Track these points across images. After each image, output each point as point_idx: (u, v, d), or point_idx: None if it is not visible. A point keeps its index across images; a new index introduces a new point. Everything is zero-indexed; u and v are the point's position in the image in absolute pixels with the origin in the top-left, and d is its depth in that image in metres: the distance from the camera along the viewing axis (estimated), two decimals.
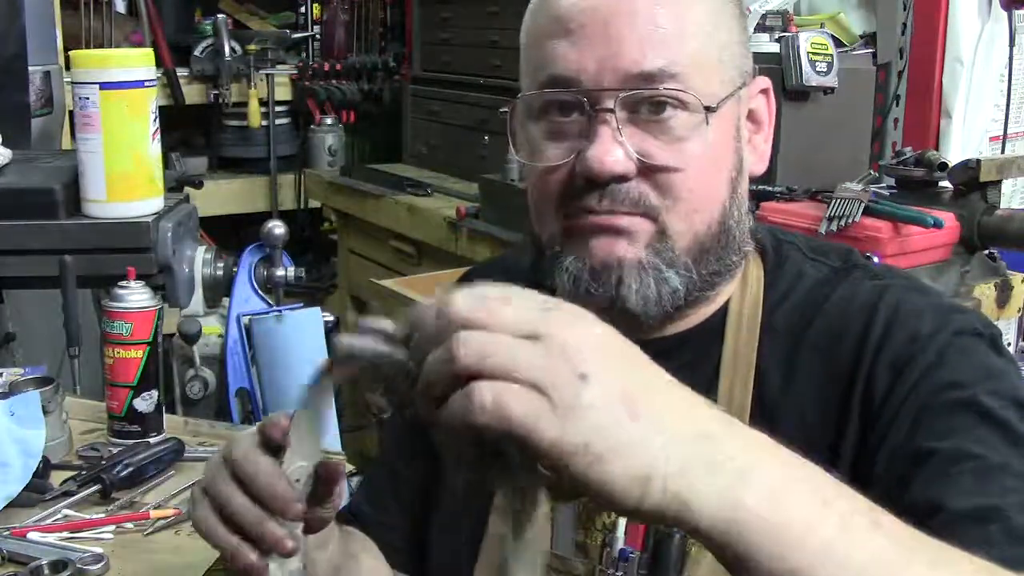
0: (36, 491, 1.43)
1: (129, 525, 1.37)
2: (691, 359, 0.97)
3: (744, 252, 0.98)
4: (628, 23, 0.89)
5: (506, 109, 0.97)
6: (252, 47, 3.88)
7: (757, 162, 0.99)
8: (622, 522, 0.95)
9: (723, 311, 0.98)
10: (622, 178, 0.90)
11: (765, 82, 1.00)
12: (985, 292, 2.05)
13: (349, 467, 1.62)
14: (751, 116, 0.99)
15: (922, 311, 0.91)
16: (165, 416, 1.65)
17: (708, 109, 0.90)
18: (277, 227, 2.34)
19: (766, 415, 0.92)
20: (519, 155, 0.98)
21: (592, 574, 0.97)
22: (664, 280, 0.91)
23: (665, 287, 0.91)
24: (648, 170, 0.90)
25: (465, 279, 1.22)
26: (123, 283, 1.61)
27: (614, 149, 0.89)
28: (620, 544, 0.94)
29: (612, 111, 0.89)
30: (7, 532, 1.33)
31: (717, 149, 0.93)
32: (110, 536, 1.36)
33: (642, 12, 0.89)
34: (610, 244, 0.91)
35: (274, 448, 0.79)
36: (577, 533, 0.97)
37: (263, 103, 3.94)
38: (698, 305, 0.96)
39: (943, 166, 2.07)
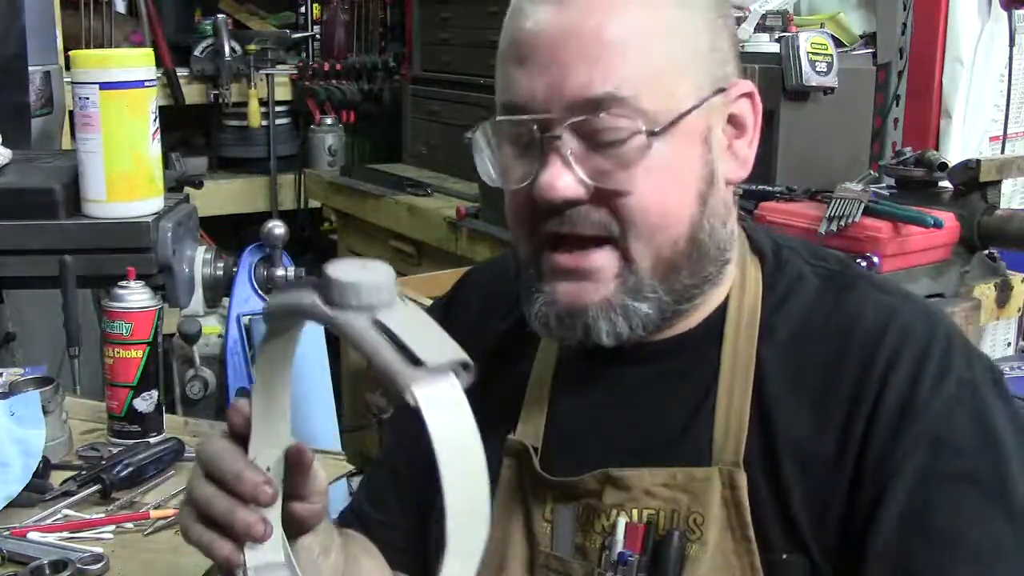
0: (36, 491, 1.43)
1: (129, 525, 1.37)
2: (690, 361, 0.97)
3: (726, 259, 0.97)
4: (577, 47, 0.88)
5: (469, 135, 0.98)
6: (252, 47, 3.88)
7: (738, 168, 0.97)
8: (621, 525, 0.94)
9: (722, 312, 0.98)
10: (576, 202, 0.90)
11: (748, 86, 0.97)
12: (985, 292, 2.05)
13: (349, 467, 1.62)
14: (732, 121, 0.96)
15: (928, 348, 0.90)
16: (165, 416, 1.65)
17: (652, 133, 0.88)
18: (277, 227, 2.34)
19: (764, 419, 0.92)
20: (484, 177, 0.98)
21: None
22: (633, 312, 0.92)
23: (635, 317, 0.92)
24: (601, 195, 0.90)
25: (465, 279, 1.22)
26: (123, 283, 1.61)
27: (563, 174, 0.89)
28: (619, 547, 0.94)
29: (559, 138, 0.89)
30: (7, 532, 1.33)
31: (676, 167, 0.91)
32: (110, 536, 1.36)
33: (591, 36, 0.88)
34: (576, 289, 0.92)
35: (241, 438, 0.80)
36: (576, 536, 0.97)
37: (263, 103, 3.94)
38: (681, 316, 0.96)
39: (943, 166, 2.07)
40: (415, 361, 0.66)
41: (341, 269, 0.70)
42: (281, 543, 0.84)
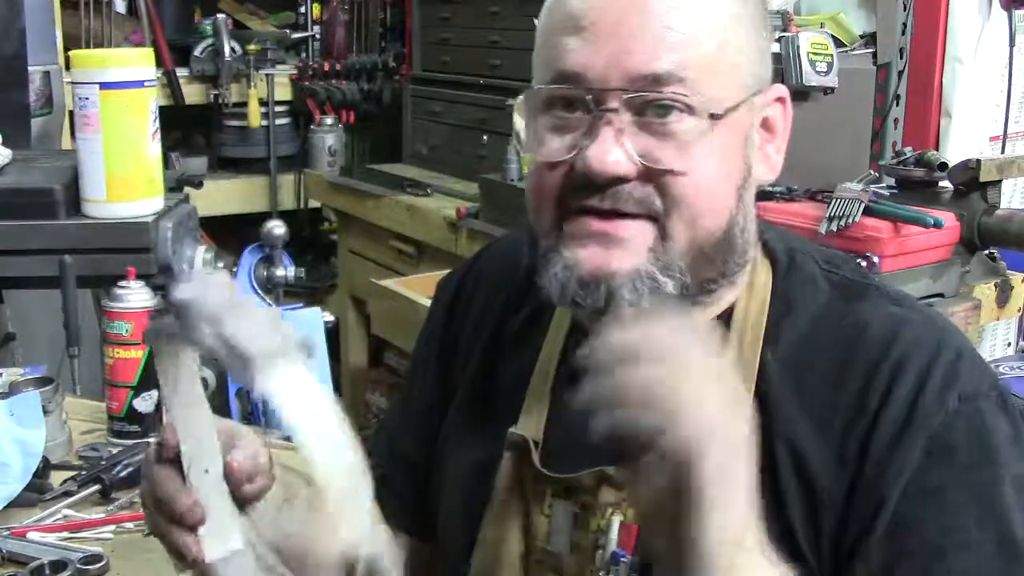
0: (36, 491, 1.43)
1: (129, 525, 1.37)
2: None
3: (746, 260, 0.97)
4: (640, 23, 0.87)
5: (512, 101, 0.97)
6: (252, 47, 3.88)
7: (767, 171, 0.97)
8: (615, 525, 0.94)
9: (727, 315, 0.97)
10: (622, 180, 0.88)
11: (782, 90, 0.98)
12: (985, 292, 2.05)
13: None
14: (765, 124, 0.97)
15: (934, 361, 0.89)
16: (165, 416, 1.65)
17: (713, 116, 0.88)
18: (277, 227, 2.35)
19: (764, 425, 0.91)
20: (522, 148, 0.98)
21: (583, 574, 0.96)
22: (658, 288, 0.90)
23: (659, 293, 0.90)
24: (651, 173, 0.88)
25: (474, 263, 1.21)
26: (123, 283, 1.61)
27: (614, 149, 0.88)
28: (613, 547, 0.94)
29: (615, 111, 0.88)
30: (7, 532, 1.33)
31: (724, 156, 0.91)
32: (110, 536, 1.36)
33: (656, 12, 0.87)
34: (603, 255, 0.90)
35: (177, 456, 0.86)
36: (573, 532, 0.97)
37: (263, 103, 3.94)
38: (694, 309, 0.95)
39: (943, 166, 2.07)
40: (251, 358, 0.77)
41: (184, 288, 0.79)
42: (239, 529, 0.88)
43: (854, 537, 0.87)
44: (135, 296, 1.60)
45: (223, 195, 3.86)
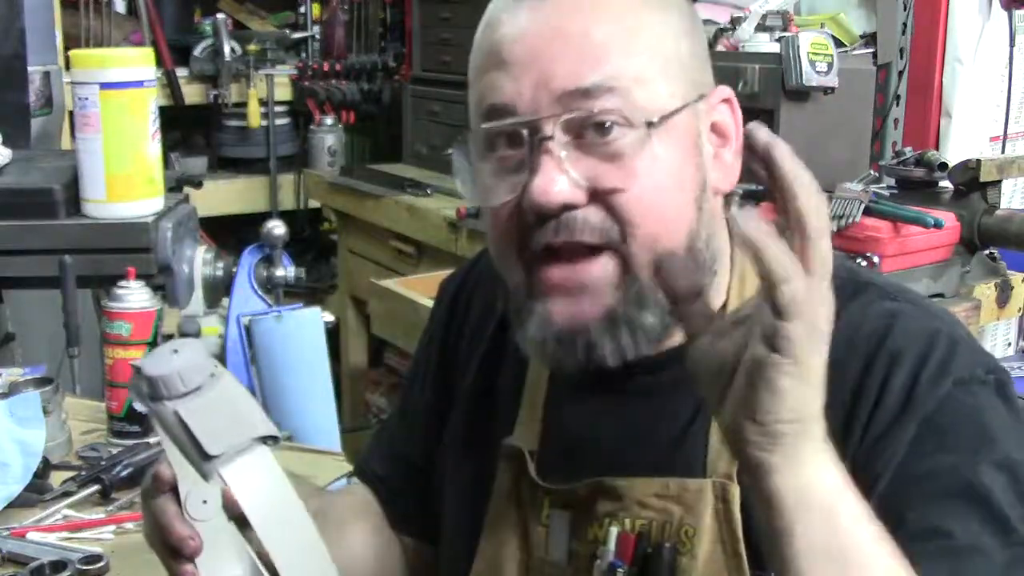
0: (36, 491, 1.43)
1: (129, 525, 1.37)
2: (685, 373, 0.93)
3: (714, 272, 0.94)
4: (560, 46, 0.86)
5: (451, 151, 0.94)
6: (252, 47, 3.88)
7: (724, 177, 0.94)
8: (613, 534, 0.93)
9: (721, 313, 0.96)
10: (571, 207, 0.86)
11: (726, 91, 0.95)
12: (985, 292, 2.06)
13: (349, 467, 1.62)
14: (715, 129, 0.93)
15: (928, 351, 0.88)
16: None
17: (651, 124, 0.86)
18: (277, 227, 2.35)
19: None
20: (467, 196, 0.95)
21: None
22: (638, 324, 0.87)
23: (640, 331, 0.87)
24: (599, 195, 0.86)
25: (475, 264, 1.20)
26: (123, 283, 1.61)
27: (558, 178, 0.85)
28: (610, 557, 0.93)
29: (551, 138, 0.85)
30: (7, 532, 1.33)
31: (673, 167, 0.88)
32: (110, 536, 1.36)
33: (573, 33, 0.86)
34: (572, 306, 0.87)
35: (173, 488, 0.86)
36: (571, 542, 0.96)
37: (263, 103, 3.94)
38: (677, 327, 0.91)
39: (943, 166, 2.07)
40: (209, 456, 0.78)
41: (152, 360, 0.80)
42: (238, 558, 0.87)
43: None
44: (135, 296, 1.60)
45: (223, 195, 3.85)
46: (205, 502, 0.86)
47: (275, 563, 0.80)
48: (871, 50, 2.46)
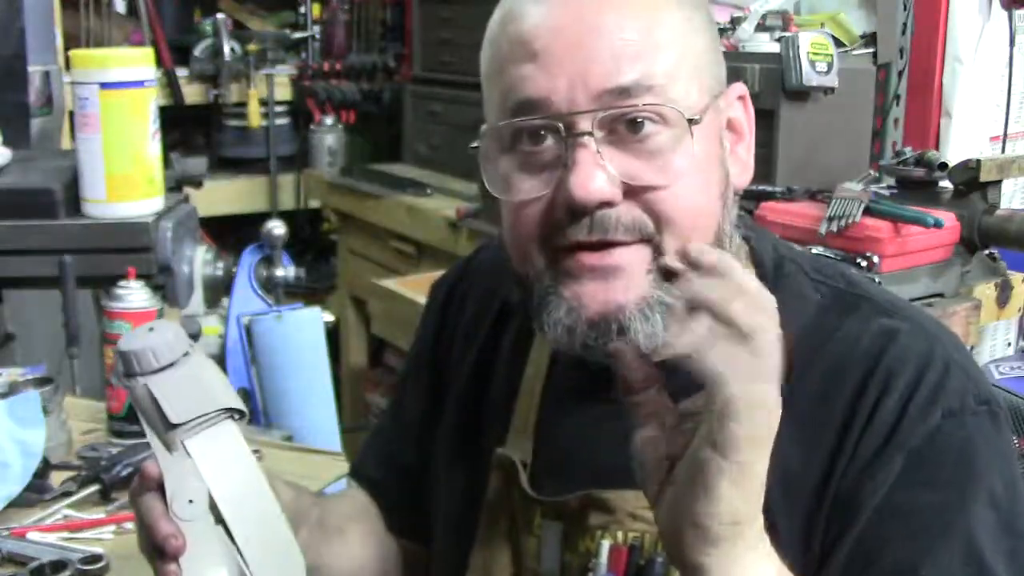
0: (36, 491, 1.43)
1: (129, 525, 1.37)
2: (679, 382, 0.87)
3: None
4: (596, 38, 0.84)
5: (476, 144, 0.91)
6: (252, 47, 3.88)
7: (741, 173, 0.93)
8: (605, 547, 0.92)
9: None
10: (608, 204, 0.84)
11: (741, 88, 0.94)
12: (985, 292, 2.05)
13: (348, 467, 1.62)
14: (730, 125, 0.93)
15: (921, 376, 0.87)
16: None
17: (691, 121, 0.85)
18: (277, 227, 2.35)
19: None
20: (492, 191, 0.91)
21: None
22: (671, 312, 0.85)
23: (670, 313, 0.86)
24: (635, 192, 0.85)
25: (468, 261, 1.19)
26: (123, 283, 1.61)
27: (596, 174, 0.83)
28: (603, 570, 0.92)
29: (589, 134, 0.83)
30: (7, 532, 1.33)
31: (704, 163, 0.87)
32: (110, 536, 1.36)
33: (610, 26, 0.84)
34: (605, 291, 0.85)
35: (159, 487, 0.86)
36: (563, 554, 0.95)
37: (263, 103, 3.94)
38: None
39: (943, 166, 2.07)
40: (173, 424, 0.81)
41: (128, 338, 0.83)
42: (224, 559, 0.87)
43: (828, 550, 0.85)
44: (135, 296, 1.60)
45: (223, 195, 3.85)
46: (191, 502, 0.85)
47: (234, 536, 0.81)
48: (871, 50, 2.45)
